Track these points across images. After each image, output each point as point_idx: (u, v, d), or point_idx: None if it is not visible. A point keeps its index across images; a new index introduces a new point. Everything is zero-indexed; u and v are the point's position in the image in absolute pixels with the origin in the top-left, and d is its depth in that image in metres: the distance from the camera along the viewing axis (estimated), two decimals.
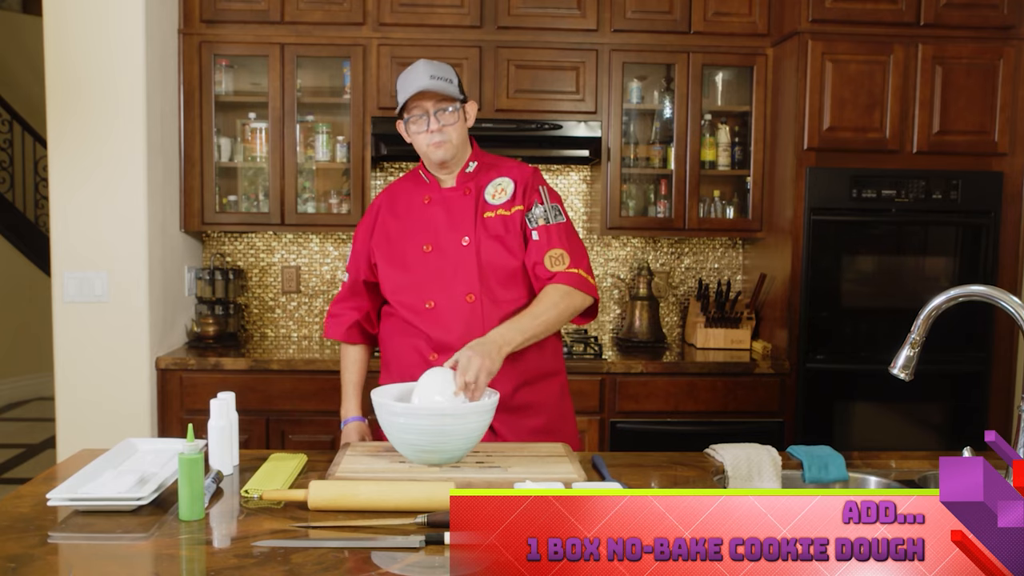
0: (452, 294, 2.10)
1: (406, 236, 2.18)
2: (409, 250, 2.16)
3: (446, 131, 2.10)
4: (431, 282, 2.12)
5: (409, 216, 2.20)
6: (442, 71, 2.10)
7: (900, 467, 1.94)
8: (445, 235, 2.14)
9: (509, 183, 2.19)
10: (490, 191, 2.18)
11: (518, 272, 2.14)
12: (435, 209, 2.18)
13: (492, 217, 2.15)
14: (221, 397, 1.82)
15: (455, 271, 2.11)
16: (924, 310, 1.62)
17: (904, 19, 3.35)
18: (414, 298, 2.13)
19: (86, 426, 3.24)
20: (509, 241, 2.14)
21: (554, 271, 2.10)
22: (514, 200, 2.17)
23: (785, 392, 3.40)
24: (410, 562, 1.37)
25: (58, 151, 3.22)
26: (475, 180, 2.19)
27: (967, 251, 3.42)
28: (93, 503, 1.55)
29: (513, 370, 2.08)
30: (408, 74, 2.09)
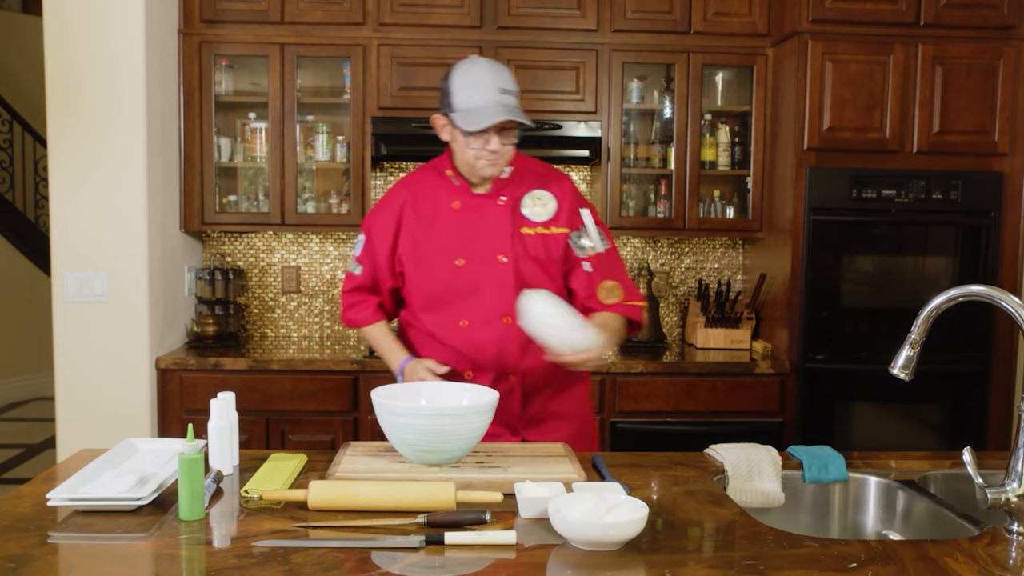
0: (487, 315, 2.03)
1: (434, 244, 2.06)
2: (438, 261, 2.05)
3: (504, 149, 1.97)
4: (464, 299, 2.03)
5: (436, 221, 2.07)
6: (508, 81, 1.94)
7: (900, 467, 1.94)
8: (479, 249, 2.03)
9: (550, 199, 2.07)
10: (528, 204, 2.06)
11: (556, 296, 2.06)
12: (467, 217, 2.04)
13: (531, 235, 2.04)
14: (221, 397, 1.82)
15: (491, 291, 2.02)
16: (924, 310, 1.62)
17: (904, 19, 3.35)
18: (448, 316, 2.05)
19: (86, 426, 3.24)
20: (549, 264, 2.05)
21: (609, 303, 2.05)
22: (556, 219, 2.06)
23: (785, 392, 3.40)
24: (410, 562, 1.37)
25: (58, 151, 3.22)
26: (511, 188, 2.06)
27: (967, 251, 3.42)
28: (93, 503, 1.55)
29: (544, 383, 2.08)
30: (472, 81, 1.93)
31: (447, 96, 1.97)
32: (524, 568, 1.35)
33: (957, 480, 1.91)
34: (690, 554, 1.40)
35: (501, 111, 1.91)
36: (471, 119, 1.92)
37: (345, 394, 3.32)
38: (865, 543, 1.47)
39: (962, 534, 1.60)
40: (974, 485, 1.52)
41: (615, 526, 1.38)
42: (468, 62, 1.98)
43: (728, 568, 1.36)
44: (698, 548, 1.42)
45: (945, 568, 1.36)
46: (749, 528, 1.51)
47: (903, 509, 1.84)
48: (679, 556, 1.39)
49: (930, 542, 1.47)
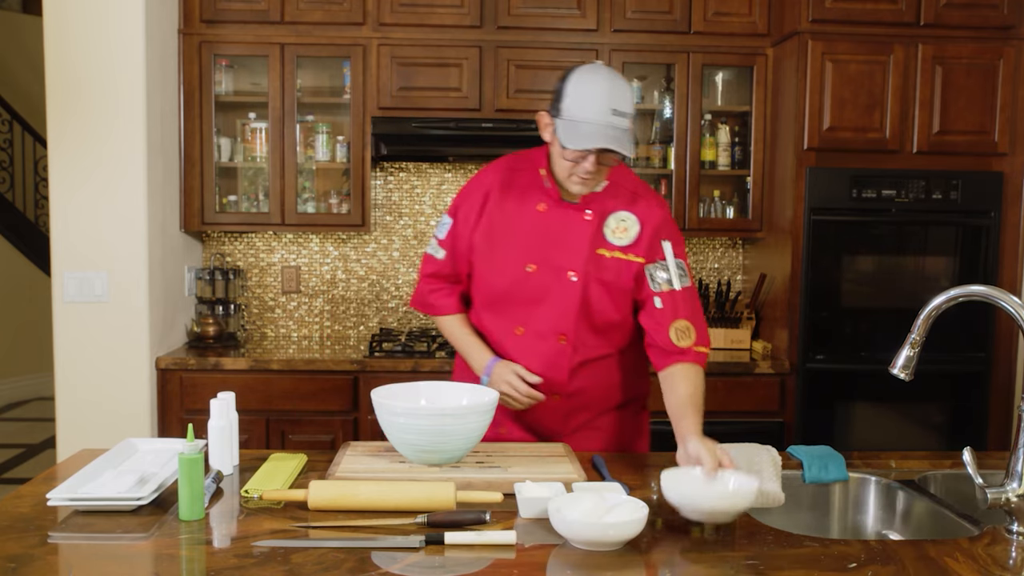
0: (543, 329, 1.96)
1: (509, 243, 1.97)
2: (510, 260, 1.97)
3: (601, 170, 1.87)
4: (524, 307, 1.97)
5: (518, 219, 1.98)
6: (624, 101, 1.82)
7: (900, 467, 1.94)
8: (552, 260, 1.94)
9: (634, 223, 1.95)
10: (611, 224, 1.95)
11: (618, 324, 1.99)
12: (548, 223, 1.95)
13: (607, 257, 1.94)
14: (221, 397, 1.82)
15: (554, 306, 1.95)
16: (924, 310, 1.62)
17: (904, 19, 3.35)
18: (505, 319, 2.00)
19: (86, 426, 3.24)
20: (617, 292, 1.95)
21: (682, 347, 1.94)
22: (636, 246, 1.95)
23: (785, 392, 3.40)
24: (410, 562, 1.37)
25: (58, 151, 3.22)
26: (599, 204, 1.96)
27: (967, 251, 3.42)
28: (93, 503, 1.55)
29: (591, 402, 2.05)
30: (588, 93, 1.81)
31: (558, 99, 1.86)
32: (524, 568, 1.35)
33: (957, 480, 1.90)
34: (690, 554, 1.40)
35: (603, 138, 1.79)
36: (572, 135, 1.81)
37: (345, 394, 3.32)
38: (865, 543, 1.47)
39: (962, 534, 1.60)
40: (974, 485, 1.52)
41: (615, 526, 1.39)
42: (590, 69, 1.87)
43: (728, 568, 1.36)
44: (698, 548, 1.42)
45: (945, 568, 1.36)
46: (749, 528, 1.51)
47: (903, 509, 1.84)
48: (679, 556, 1.39)
49: (930, 542, 1.47)
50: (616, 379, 2.08)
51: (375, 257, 3.95)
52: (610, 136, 1.79)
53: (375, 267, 3.94)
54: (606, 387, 2.06)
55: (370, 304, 3.95)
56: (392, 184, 3.93)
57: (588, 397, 2.03)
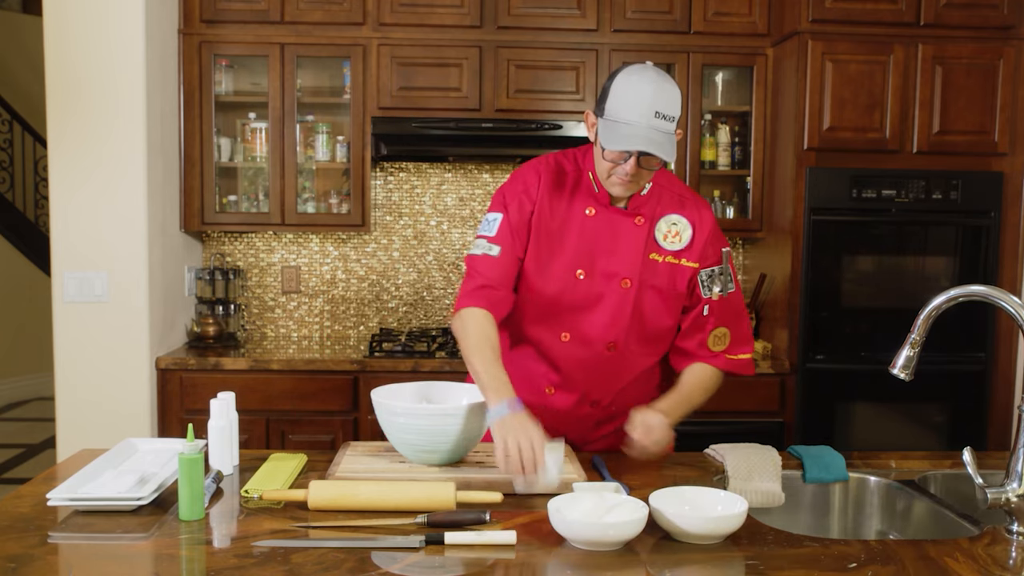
0: (592, 336, 1.91)
1: (558, 247, 1.91)
2: (559, 266, 1.90)
3: (641, 174, 1.82)
4: (573, 313, 1.91)
5: (568, 223, 1.91)
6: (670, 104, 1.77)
7: (900, 467, 1.94)
8: (603, 266, 1.89)
9: (687, 227, 1.92)
10: (663, 228, 1.92)
11: (668, 331, 1.96)
12: (598, 228, 1.90)
13: (659, 262, 1.91)
14: (221, 397, 1.82)
15: (604, 313, 1.90)
16: (924, 310, 1.62)
17: (904, 19, 3.35)
18: (552, 325, 1.93)
19: (86, 426, 3.24)
20: (670, 297, 1.92)
21: (715, 351, 1.95)
22: (689, 251, 1.92)
23: (785, 392, 3.40)
24: (410, 562, 1.37)
25: (58, 151, 3.22)
26: (649, 208, 1.92)
27: (967, 251, 3.42)
28: (93, 503, 1.55)
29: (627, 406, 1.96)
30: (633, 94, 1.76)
31: (603, 98, 1.82)
32: (524, 568, 1.35)
33: (957, 480, 1.90)
34: (690, 554, 1.40)
35: (643, 140, 1.74)
36: (612, 136, 1.77)
37: (345, 394, 3.32)
38: (865, 543, 1.47)
39: (962, 534, 1.60)
40: (974, 485, 1.52)
41: (615, 526, 1.38)
42: (637, 70, 1.82)
43: (728, 568, 1.36)
44: (698, 548, 1.42)
45: (945, 568, 1.36)
46: (749, 528, 1.51)
47: (903, 509, 1.84)
48: (679, 556, 1.39)
49: (930, 542, 1.47)
50: (654, 385, 2.06)
51: (375, 257, 3.95)
52: (651, 139, 1.75)
53: (375, 267, 3.94)
54: (643, 396, 2.00)
55: (370, 304, 3.95)
56: (392, 184, 3.93)
57: (624, 406, 1.95)
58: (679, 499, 1.53)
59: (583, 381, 1.95)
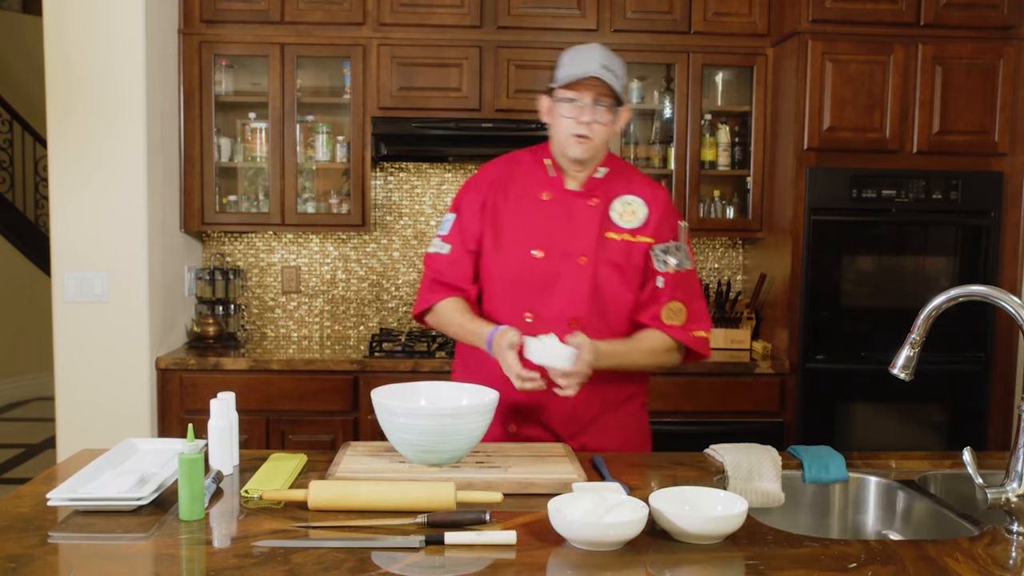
0: (553, 315, 1.95)
1: (515, 230, 2.00)
2: (516, 248, 1.99)
3: (594, 128, 1.93)
4: (533, 293, 1.96)
5: (522, 207, 2.01)
6: (616, 64, 1.94)
7: (900, 467, 1.94)
8: (560, 245, 1.96)
9: (641, 205, 2.00)
10: (618, 208, 2.00)
11: (627, 306, 2.01)
12: (553, 211, 1.99)
13: (615, 240, 1.98)
14: (221, 397, 1.82)
15: (564, 290, 1.96)
16: (924, 310, 1.62)
17: (904, 19, 3.35)
18: (514, 307, 1.98)
19: (86, 426, 3.24)
20: (628, 272, 1.98)
21: (669, 324, 1.99)
22: (645, 228, 1.99)
23: (785, 392, 3.40)
24: (410, 562, 1.37)
25: (58, 151, 3.22)
26: (603, 189, 2.01)
27: (967, 251, 3.42)
28: (93, 503, 1.55)
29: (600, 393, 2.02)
30: (580, 53, 1.93)
31: (554, 73, 1.98)
32: (524, 568, 1.35)
33: (957, 480, 1.90)
34: (690, 554, 1.40)
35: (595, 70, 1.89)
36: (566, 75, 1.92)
37: (345, 394, 3.32)
38: (865, 543, 1.47)
39: (962, 534, 1.60)
40: (974, 485, 1.52)
41: (615, 526, 1.38)
42: (583, 44, 1.99)
43: (728, 568, 1.36)
44: (698, 548, 1.42)
45: (945, 568, 1.36)
46: (749, 528, 1.50)
47: (903, 509, 1.84)
48: (679, 556, 1.39)
49: (930, 542, 1.47)
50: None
51: (375, 257, 3.95)
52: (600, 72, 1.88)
53: (375, 267, 3.94)
54: (613, 376, 2.03)
55: (370, 304, 3.95)
56: (392, 184, 3.93)
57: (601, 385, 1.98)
58: (679, 499, 1.53)
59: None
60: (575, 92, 1.92)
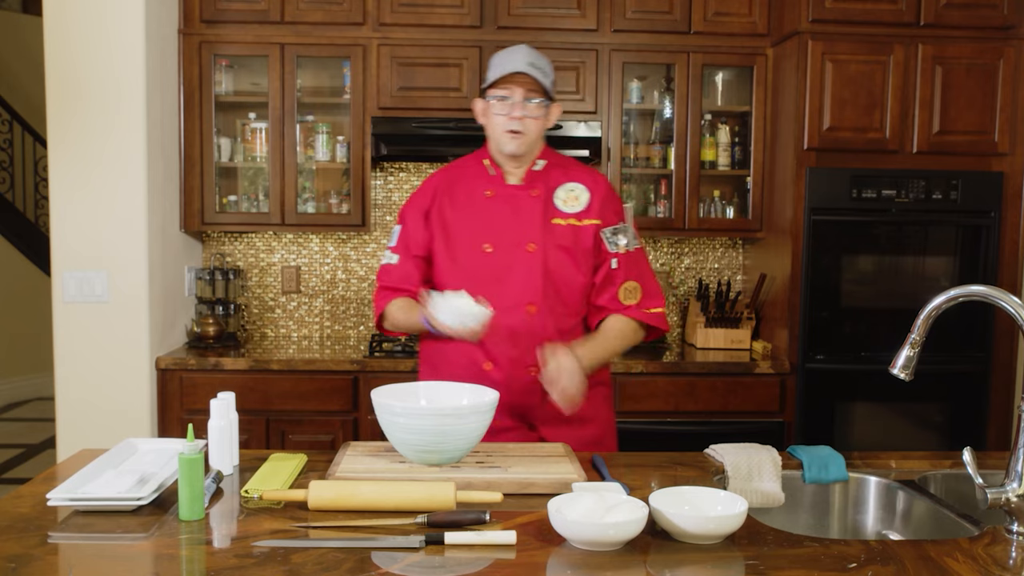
0: (511, 302, 2.02)
1: (464, 230, 2.08)
2: (467, 246, 2.07)
3: (527, 123, 2.02)
4: (489, 286, 2.02)
5: (469, 208, 2.09)
6: (542, 63, 2.03)
7: (900, 467, 1.94)
8: (508, 237, 2.05)
9: (583, 191, 2.10)
10: (561, 196, 2.09)
11: (582, 288, 2.09)
12: (498, 206, 2.08)
13: (562, 225, 2.06)
14: (221, 397, 1.82)
15: (517, 278, 2.03)
16: (924, 310, 1.62)
17: (904, 19, 3.35)
18: None
19: (86, 426, 3.24)
20: (577, 254, 2.06)
21: (627, 304, 2.08)
22: (589, 211, 2.08)
23: (785, 392, 3.40)
24: (410, 562, 1.37)
25: (58, 151, 3.22)
26: (544, 181, 2.10)
27: (967, 251, 3.42)
28: (93, 503, 1.55)
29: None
30: (508, 54, 2.03)
31: (484, 75, 2.07)
32: (524, 568, 1.35)
33: (957, 480, 1.91)
34: (690, 554, 1.40)
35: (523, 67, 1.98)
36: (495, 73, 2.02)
37: (345, 394, 3.32)
38: (865, 543, 1.47)
39: (962, 534, 1.60)
40: (974, 485, 1.52)
41: (615, 526, 1.38)
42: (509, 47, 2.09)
43: (728, 568, 1.36)
44: (698, 548, 1.42)
45: (945, 568, 1.36)
46: (749, 528, 1.51)
47: (903, 509, 1.84)
48: (679, 556, 1.39)
49: (930, 542, 1.47)
50: None
51: (375, 257, 3.94)
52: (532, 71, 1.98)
53: (375, 267, 3.94)
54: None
55: (370, 304, 3.95)
56: (392, 184, 3.93)
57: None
58: (679, 499, 1.53)
59: (513, 349, 2.04)
60: (505, 89, 2.01)
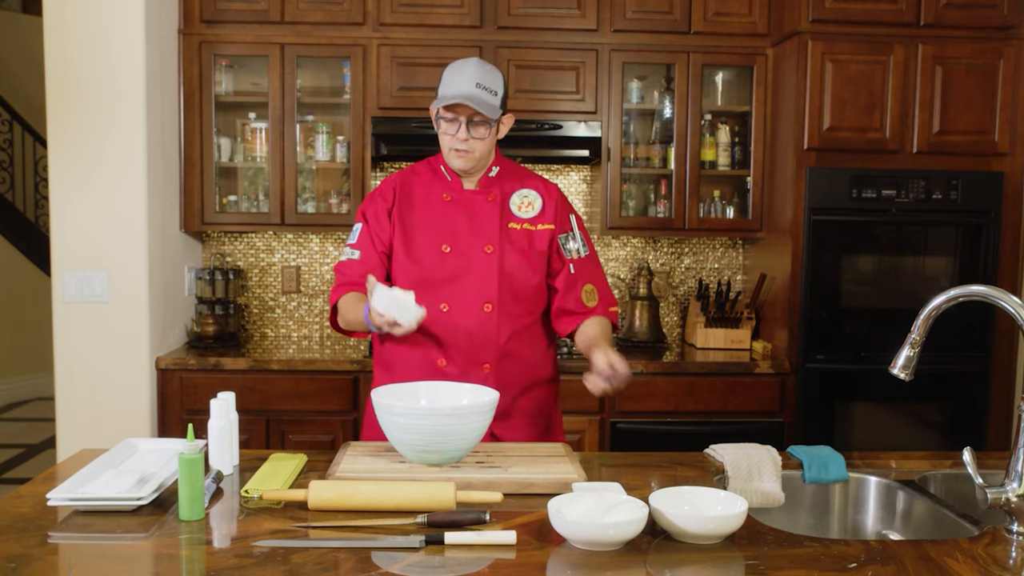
0: (468, 301, 2.08)
1: (422, 231, 2.13)
2: (425, 246, 2.11)
3: (472, 143, 2.06)
4: (447, 285, 2.08)
5: (426, 210, 2.15)
6: (490, 80, 2.04)
7: (900, 467, 1.94)
8: (466, 239, 2.11)
9: (536, 197, 2.18)
10: (516, 202, 2.16)
11: (536, 289, 2.15)
12: (456, 209, 2.13)
13: (517, 229, 2.14)
14: (221, 397, 1.82)
15: (475, 278, 2.09)
16: (924, 310, 1.62)
17: (904, 19, 3.35)
18: (428, 298, 2.06)
19: (86, 426, 3.24)
20: (532, 257, 2.13)
21: (590, 306, 2.16)
22: (543, 217, 2.16)
23: (785, 392, 3.40)
24: (410, 562, 1.37)
25: (58, 151, 3.22)
26: (499, 186, 2.16)
27: (967, 251, 3.42)
28: (93, 503, 1.55)
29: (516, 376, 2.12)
30: (456, 71, 2.04)
31: (437, 90, 2.09)
32: (524, 568, 1.35)
33: (957, 480, 1.91)
34: (690, 554, 1.40)
35: (463, 97, 2.00)
36: (440, 100, 2.04)
37: (345, 394, 3.32)
38: (865, 543, 1.47)
39: (962, 534, 1.60)
40: (974, 485, 1.52)
41: (615, 526, 1.38)
42: (460, 60, 2.10)
43: (728, 568, 1.36)
44: (698, 548, 1.42)
45: (945, 568, 1.36)
46: (749, 528, 1.51)
47: (903, 509, 1.84)
48: (679, 556, 1.39)
49: (930, 542, 1.47)
50: (541, 347, 2.19)
51: None
52: (474, 99, 1.99)
53: None
54: (531, 356, 2.16)
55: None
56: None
57: (517, 367, 2.12)
58: (679, 499, 1.53)
59: (468, 346, 2.08)
60: (451, 112, 2.05)
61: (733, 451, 1.83)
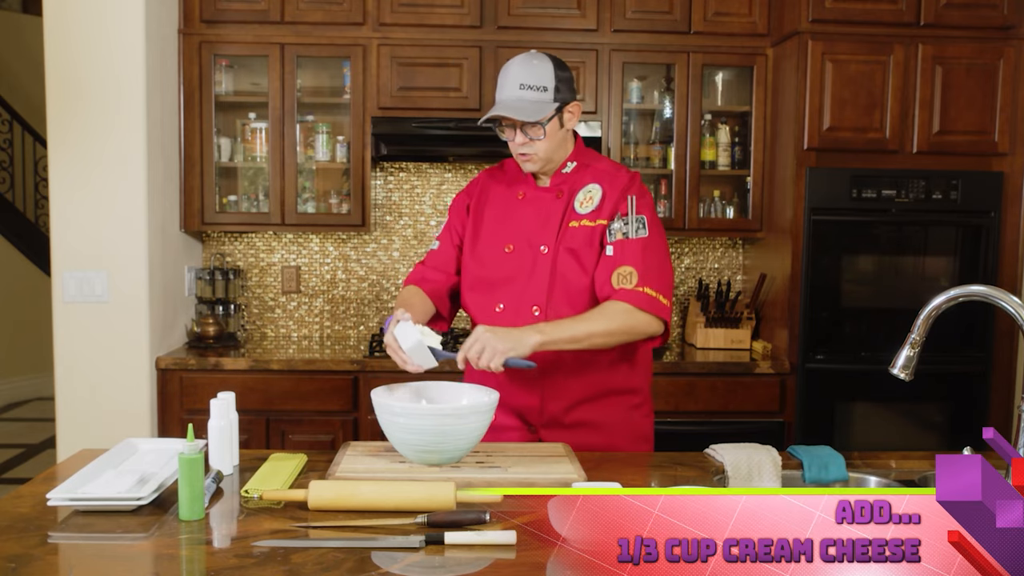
0: (520, 302, 2.04)
1: (490, 229, 2.12)
2: (491, 246, 2.10)
3: (532, 146, 2.01)
4: (504, 285, 2.06)
5: (501, 208, 2.13)
6: (536, 76, 1.97)
7: (900, 467, 1.94)
8: (528, 238, 2.07)
9: (598, 191, 2.07)
10: (580, 198, 2.08)
11: (587, 289, 2.04)
12: (526, 209, 2.10)
13: (576, 227, 2.05)
14: (221, 397, 1.82)
15: (528, 279, 2.05)
16: (924, 310, 1.62)
17: (904, 19, 3.35)
18: (486, 298, 2.07)
19: (86, 426, 3.24)
20: (585, 256, 2.03)
21: (619, 288, 1.97)
22: (600, 211, 2.05)
23: (785, 392, 3.40)
24: (410, 562, 1.37)
25: (58, 151, 3.22)
26: (569, 183, 2.09)
27: (967, 251, 3.42)
28: (93, 503, 1.55)
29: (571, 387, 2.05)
30: (502, 75, 2.01)
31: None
32: (524, 568, 1.35)
33: None
34: None
35: (501, 108, 1.98)
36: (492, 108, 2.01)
37: (345, 394, 3.32)
38: None
39: None
40: None
41: None
42: (511, 59, 2.05)
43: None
44: None
45: None
46: None
47: None
48: None
49: None
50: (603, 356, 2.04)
51: (375, 257, 3.95)
52: (509, 106, 1.97)
53: (375, 267, 3.94)
54: (581, 364, 2.04)
55: (370, 304, 3.95)
56: (392, 184, 3.94)
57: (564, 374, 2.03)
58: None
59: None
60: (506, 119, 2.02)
61: (733, 451, 1.83)
